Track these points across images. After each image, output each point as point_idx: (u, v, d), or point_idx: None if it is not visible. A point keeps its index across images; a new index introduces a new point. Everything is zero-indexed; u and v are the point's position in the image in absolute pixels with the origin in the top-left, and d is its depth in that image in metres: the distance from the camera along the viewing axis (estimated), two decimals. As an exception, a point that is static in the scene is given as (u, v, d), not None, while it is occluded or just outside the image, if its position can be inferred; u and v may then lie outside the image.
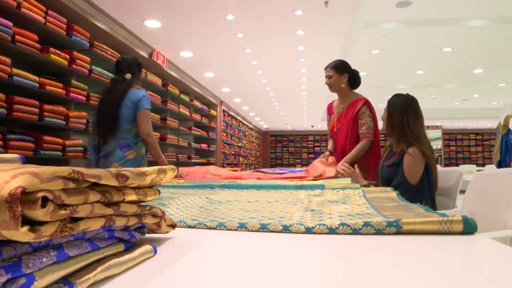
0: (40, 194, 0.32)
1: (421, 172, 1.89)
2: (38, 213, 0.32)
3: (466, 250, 0.63)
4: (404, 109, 1.99)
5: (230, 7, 4.57)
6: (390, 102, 2.06)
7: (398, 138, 1.99)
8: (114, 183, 0.45)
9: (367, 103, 2.64)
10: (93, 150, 2.67)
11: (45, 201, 0.33)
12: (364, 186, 1.90)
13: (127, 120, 2.58)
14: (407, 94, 2.08)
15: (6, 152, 3.03)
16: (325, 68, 2.79)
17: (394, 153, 2.05)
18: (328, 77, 2.74)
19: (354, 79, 2.76)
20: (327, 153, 2.69)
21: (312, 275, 0.47)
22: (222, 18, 4.87)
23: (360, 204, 1.01)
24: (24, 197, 0.31)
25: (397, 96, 2.09)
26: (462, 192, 1.86)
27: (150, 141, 2.59)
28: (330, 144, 2.88)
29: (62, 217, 0.35)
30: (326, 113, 3.02)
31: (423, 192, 1.90)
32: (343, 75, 2.72)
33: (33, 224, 0.33)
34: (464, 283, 0.45)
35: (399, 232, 0.69)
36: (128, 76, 2.65)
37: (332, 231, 0.71)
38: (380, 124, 2.35)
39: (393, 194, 1.21)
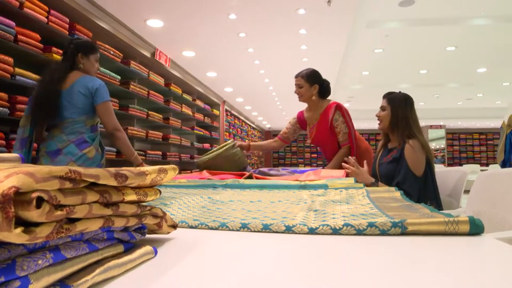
0: (34, 195, 0.31)
1: (424, 164, 1.92)
2: (33, 214, 0.31)
3: (473, 251, 0.62)
4: (408, 103, 2.05)
5: (233, 6, 4.57)
6: (392, 98, 2.08)
7: (402, 132, 2.00)
8: (113, 183, 0.44)
9: (337, 108, 2.58)
10: (20, 144, 2.20)
11: (40, 201, 0.32)
12: (372, 184, 1.90)
13: (81, 110, 2.21)
14: (400, 92, 2.13)
15: (9, 152, 3.03)
16: (296, 77, 2.68)
17: (390, 149, 2.06)
18: (298, 86, 2.65)
19: (324, 89, 2.68)
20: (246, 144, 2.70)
21: (315, 277, 0.46)
22: (224, 17, 4.86)
23: (363, 204, 0.99)
24: (18, 197, 0.30)
25: (393, 93, 2.12)
26: (466, 192, 1.84)
27: (120, 135, 2.30)
28: (268, 141, 2.96)
29: (58, 218, 0.34)
30: (295, 121, 2.90)
31: (428, 185, 1.93)
32: (314, 86, 2.63)
33: (28, 225, 0.32)
34: (471, 284, 0.44)
35: (404, 233, 0.68)
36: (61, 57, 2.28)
37: (335, 231, 0.70)
38: (372, 122, 2.33)
39: (397, 194, 1.20)
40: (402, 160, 1.94)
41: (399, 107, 2.03)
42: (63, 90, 2.21)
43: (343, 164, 2.01)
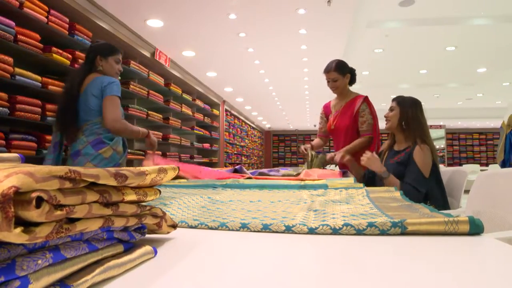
0: (34, 194, 0.31)
1: (430, 166, 1.95)
2: (33, 214, 0.31)
3: (473, 251, 0.62)
4: (418, 105, 2.09)
5: (232, 6, 4.57)
6: (402, 100, 2.11)
7: (414, 132, 2.03)
8: (112, 182, 0.44)
9: (366, 100, 2.65)
10: (52, 148, 2.31)
11: (40, 201, 0.32)
12: (383, 173, 1.93)
13: (96, 112, 2.24)
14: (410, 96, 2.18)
15: (9, 152, 3.03)
16: (327, 71, 2.71)
17: (397, 152, 2.07)
18: (333, 80, 2.69)
19: (353, 77, 2.76)
20: (308, 145, 2.74)
21: (315, 277, 0.46)
22: (224, 17, 4.86)
23: (363, 204, 0.99)
24: (18, 197, 0.30)
25: (403, 96, 2.16)
26: (466, 192, 1.84)
27: (119, 126, 2.23)
28: (315, 141, 2.97)
29: (58, 218, 0.34)
30: (322, 113, 2.99)
31: (436, 186, 1.95)
32: (346, 75, 2.70)
33: (28, 225, 0.32)
34: (471, 284, 0.44)
35: (404, 233, 0.68)
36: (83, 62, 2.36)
37: (335, 231, 0.70)
38: (381, 123, 2.36)
39: (397, 194, 1.20)
40: (411, 162, 1.96)
41: (408, 108, 2.06)
42: (81, 93, 2.27)
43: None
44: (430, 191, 1.93)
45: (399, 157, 2.04)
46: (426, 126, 2.06)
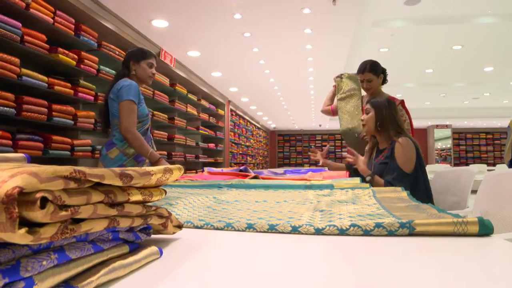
0: (39, 195, 0.31)
1: (414, 160, 1.96)
2: (37, 215, 0.31)
3: (483, 252, 0.61)
4: (392, 105, 2.12)
5: (238, 6, 4.56)
6: (375, 102, 2.14)
7: (389, 132, 2.06)
8: (118, 183, 0.43)
9: (402, 103, 2.60)
10: None
11: (44, 201, 0.32)
12: (368, 176, 1.95)
13: (114, 114, 2.36)
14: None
15: (16, 152, 3.05)
16: (362, 72, 2.70)
17: (382, 150, 2.12)
18: (368, 81, 2.68)
19: (385, 77, 2.75)
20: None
21: (322, 278, 0.46)
22: (229, 17, 4.86)
23: (370, 204, 0.98)
24: (22, 197, 0.30)
25: (377, 98, 2.20)
26: (473, 192, 1.82)
27: (129, 137, 2.29)
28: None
29: (62, 219, 0.34)
30: None
31: (419, 182, 1.96)
32: (380, 76, 2.69)
33: (33, 226, 0.32)
34: (481, 286, 0.43)
35: (412, 234, 0.67)
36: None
37: (342, 232, 0.69)
38: None
39: (404, 194, 1.19)
40: (392, 159, 1.98)
41: (383, 108, 2.08)
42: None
43: (344, 154, 2.08)
44: (414, 188, 1.90)
45: (383, 154, 2.07)
46: (401, 122, 2.10)
